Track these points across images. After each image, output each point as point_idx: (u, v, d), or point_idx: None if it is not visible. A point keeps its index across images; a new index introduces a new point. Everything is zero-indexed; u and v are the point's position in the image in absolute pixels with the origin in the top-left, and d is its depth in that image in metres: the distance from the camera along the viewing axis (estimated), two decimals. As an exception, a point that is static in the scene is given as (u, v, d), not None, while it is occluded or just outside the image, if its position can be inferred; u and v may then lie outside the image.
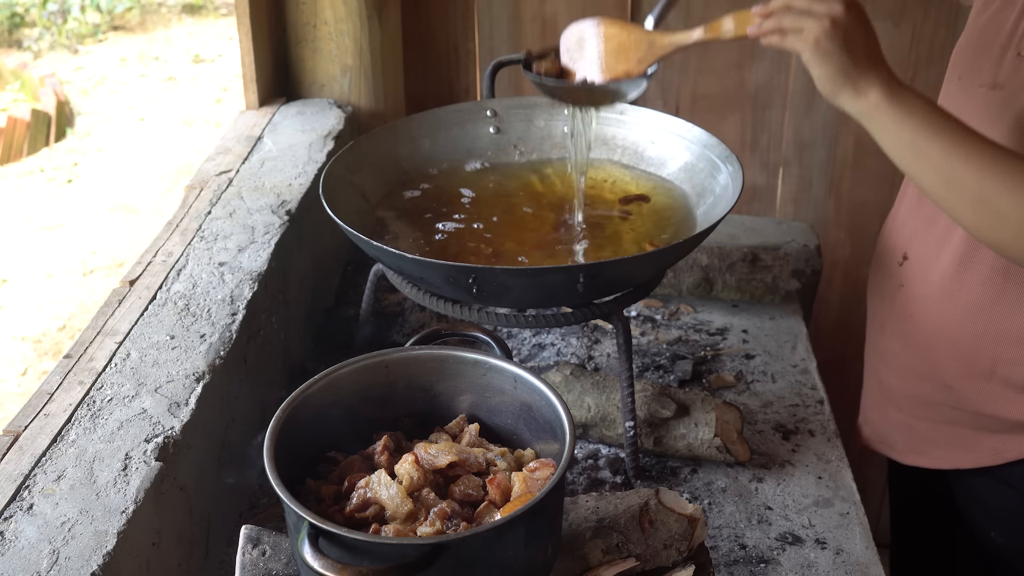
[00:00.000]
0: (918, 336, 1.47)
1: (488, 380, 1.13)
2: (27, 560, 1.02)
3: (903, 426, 1.56)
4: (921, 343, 1.47)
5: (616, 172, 1.62)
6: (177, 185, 5.16)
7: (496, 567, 0.95)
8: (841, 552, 1.31)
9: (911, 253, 1.48)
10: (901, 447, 1.58)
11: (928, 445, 1.52)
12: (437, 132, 1.65)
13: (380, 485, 1.00)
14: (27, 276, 4.56)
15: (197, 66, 6.79)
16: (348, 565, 0.87)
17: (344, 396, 1.11)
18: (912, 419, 1.53)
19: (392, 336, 1.73)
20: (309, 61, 2.06)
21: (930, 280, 1.43)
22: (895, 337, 1.54)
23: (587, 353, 1.70)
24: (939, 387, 1.46)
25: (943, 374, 1.44)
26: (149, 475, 1.13)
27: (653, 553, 1.08)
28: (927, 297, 1.44)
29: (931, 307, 1.44)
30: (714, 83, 2.22)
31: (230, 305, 1.43)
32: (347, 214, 1.40)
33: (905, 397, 1.54)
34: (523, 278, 1.28)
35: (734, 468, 1.45)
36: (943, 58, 2.12)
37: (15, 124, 5.59)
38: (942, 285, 1.41)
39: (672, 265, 1.67)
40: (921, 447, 1.54)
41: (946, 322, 1.41)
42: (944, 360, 1.43)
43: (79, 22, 7.18)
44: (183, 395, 1.26)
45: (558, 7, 2.15)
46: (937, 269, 1.42)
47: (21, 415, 1.21)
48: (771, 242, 1.95)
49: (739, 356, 1.70)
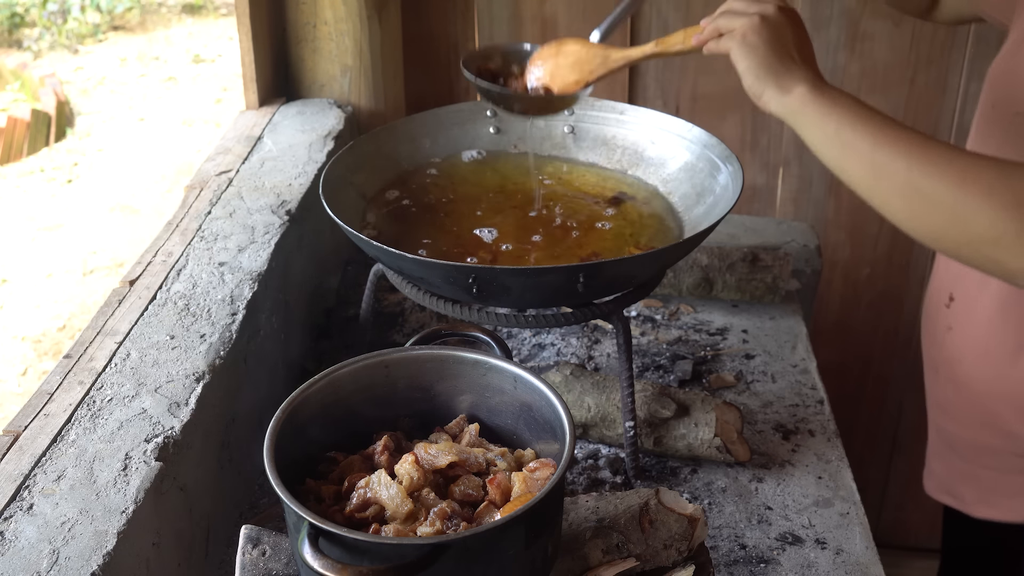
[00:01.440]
0: (972, 381, 1.42)
1: (488, 380, 1.13)
2: (27, 560, 1.02)
3: (969, 476, 1.50)
4: (975, 388, 1.42)
5: (604, 173, 1.62)
6: (177, 185, 5.17)
7: (496, 567, 0.95)
8: (841, 552, 1.31)
9: (956, 294, 1.44)
10: (969, 499, 1.52)
11: (997, 496, 1.46)
12: (437, 132, 1.65)
13: (380, 485, 1.00)
14: (27, 276, 4.56)
15: (197, 66, 6.80)
16: (348, 565, 0.87)
17: (344, 396, 1.11)
18: (977, 468, 1.48)
19: (392, 336, 1.73)
20: (309, 61, 2.06)
21: (976, 320, 1.39)
22: (949, 383, 1.49)
23: (587, 353, 1.70)
24: (1000, 434, 1.41)
25: (1001, 420, 1.39)
26: (149, 475, 1.13)
27: (653, 553, 1.08)
28: (975, 339, 1.39)
29: (980, 349, 1.39)
30: (714, 83, 2.22)
31: (230, 305, 1.43)
32: (347, 214, 1.40)
33: (967, 446, 1.48)
34: (523, 278, 1.28)
35: (734, 468, 1.45)
36: (943, 58, 2.12)
37: (15, 124, 5.60)
38: (988, 326, 1.36)
39: (672, 265, 1.67)
40: (990, 498, 1.48)
41: (997, 364, 1.37)
42: (1000, 405, 1.38)
43: (79, 22, 7.18)
44: (183, 395, 1.26)
45: (558, 7, 2.15)
46: (981, 309, 1.37)
47: (21, 415, 1.21)
48: (771, 242, 1.95)
49: (739, 356, 1.70)
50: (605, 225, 1.49)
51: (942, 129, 2.17)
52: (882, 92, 2.15)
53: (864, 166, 1.10)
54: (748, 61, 1.14)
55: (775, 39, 1.14)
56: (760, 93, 1.15)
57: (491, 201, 1.55)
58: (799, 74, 1.13)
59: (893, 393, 2.50)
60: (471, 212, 1.52)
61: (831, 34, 2.11)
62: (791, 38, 1.15)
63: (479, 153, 1.65)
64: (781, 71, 1.13)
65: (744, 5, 1.17)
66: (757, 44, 1.14)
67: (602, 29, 1.40)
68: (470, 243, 1.45)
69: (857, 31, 2.10)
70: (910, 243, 2.29)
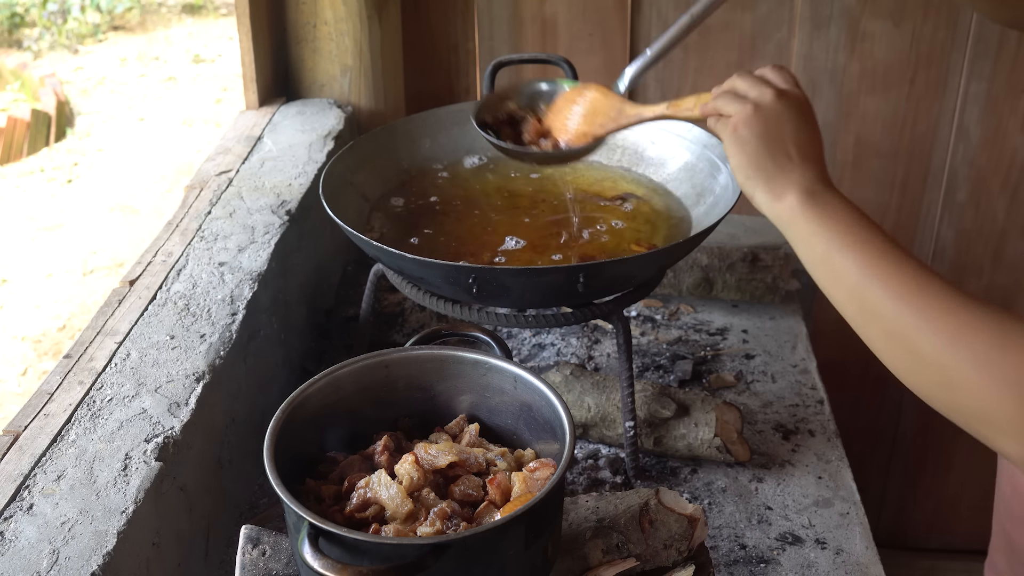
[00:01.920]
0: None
1: (488, 380, 1.13)
2: (27, 560, 1.02)
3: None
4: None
5: (605, 173, 1.62)
6: (177, 185, 5.17)
7: (496, 567, 0.95)
8: (841, 552, 1.31)
9: None
10: None
11: None
12: (437, 132, 1.65)
13: (380, 485, 1.00)
14: (27, 276, 4.56)
15: (197, 66, 6.80)
16: (348, 565, 0.87)
17: (344, 396, 1.11)
18: None
19: (392, 336, 1.73)
20: (309, 61, 2.06)
21: None
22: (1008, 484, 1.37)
23: (587, 353, 1.70)
24: None
25: None
26: (149, 475, 1.13)
27: (653, 553, 1.08)
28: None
29: None
30: (714, 83, 2.20)
31: (230, 305, 1.43)
32: (347, 214, 1.40)
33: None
34: (523, 278, 1.28)
35: (734, 468, 1.45)
36: (943, 58, 2.12)
37: (15, 124, 5.59)
38: None
39: (672, 265, 1.67)
40: None
41: None
42: None
43: (79, 22, 7.18)
44: (183, 395, 1.26)
45: (558, 7, 2.15)
46: None
47: (21, 415, 1.21)
48: (771, 242, 1.95)
49: (739, 356, 1.70)
50: (614, 224, 1.49)
51: (942, 129, 2.17)
52: (882, 92, 2.15)
53: (850, 299, 0.98)
54: (738, 158, 1.05)
55: (769, 133, 1.03)
56: (751, 194, 1.06)
57: (495, 205, 1.55)
58: (793, 176, 1.02)
59: (893, 393, 2.50)
60: (472, 213, 1.52)
61: (831, 34, 2.11)
62: (789, 131, 1.03)
63: (480, 159, 1.65)
64: (773, 172, 1.02)
65: (746, 85, 1.07)
66: (748, 139, 1.03)
67: (626, 80, 1.30)
68: (472, 244, 1.45)
69: (857, 31, 2.10)
70: (910, 244, 2.29)
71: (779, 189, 1.02)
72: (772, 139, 1.02)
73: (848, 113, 2.16)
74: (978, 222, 2.24)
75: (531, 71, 2.17)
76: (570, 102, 1.35)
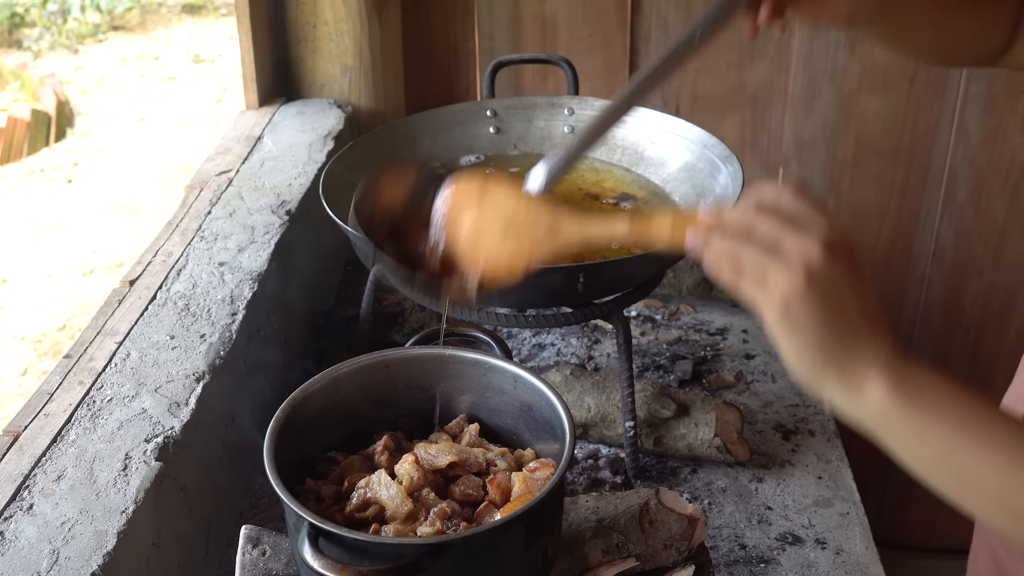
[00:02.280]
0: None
1: (488, 380, 1.13)
2: (27, 560, 1.02)
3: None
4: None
5: (605, 173, 1.62)
6: (177, 185, 5.16)
7: (496, 567, 0.95)
8: (841, 552, 1.31)
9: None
10: None
11: None
12: (437, 132, 1.65)
13: (380, 485, 1.00)
14: (27, 276, 4.56)
15: (197, 66, 6.80)
16: (348, 565, 0.87)
17: (344, 396, 1.11)
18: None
19: (392, 336, 1.73)
20: (309, 61, 2.06)
21: None
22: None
23: (587, 353, 1.70)
24: None
25: None
26: (149, 475, 1.13)
27: (653, 553, 1.08)
28: None
29: None
30: (714, 83, 2.21)
31: (230, 305, 1.43)
32: (347, 214, 1.40)
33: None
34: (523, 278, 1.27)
35: (734, 468, 1.45)
36: (943, 58, 2.12)
37: (15, 124, 5.59)
38: None
39: (672, 265, 1.67)
40: None
41: None
42: None
43: (79, 22, 7.18)
44: (183, 395, 1.26)
45: (558, 7, 2.15)
46: None
47: (21, 415, 1.21)
48: (771, 242, 1.95)
49: (739, 356, 1.70)
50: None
51: (942, 129, 2.17)
52: (882, 92, 2.15)
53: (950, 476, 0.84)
54: (797, 345, 0.81)
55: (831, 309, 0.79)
56: (818, 389, 0.83)
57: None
58: (868, 357, 0.81)
59: (893, 393, 2.49)
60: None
61: (831, 34, 2.11)
62: (851, 299, 0.80)
63: (478, 157, 1.65)
64: (842, 358, 0.81)
65: (774, 231, 0.81)
66: (806, 322, 0.79)
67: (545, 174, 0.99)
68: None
69: (857, 31, 2.10)
70: (910, 244, 2.29)
71: (856, 377, 0.81)
72: (836, 316, 0.80)
73: (848, 113, 2.16)
74: (978, 222, 2.24)
75: (531, 71, 2.17)
76: (466, 207, 0.94)
